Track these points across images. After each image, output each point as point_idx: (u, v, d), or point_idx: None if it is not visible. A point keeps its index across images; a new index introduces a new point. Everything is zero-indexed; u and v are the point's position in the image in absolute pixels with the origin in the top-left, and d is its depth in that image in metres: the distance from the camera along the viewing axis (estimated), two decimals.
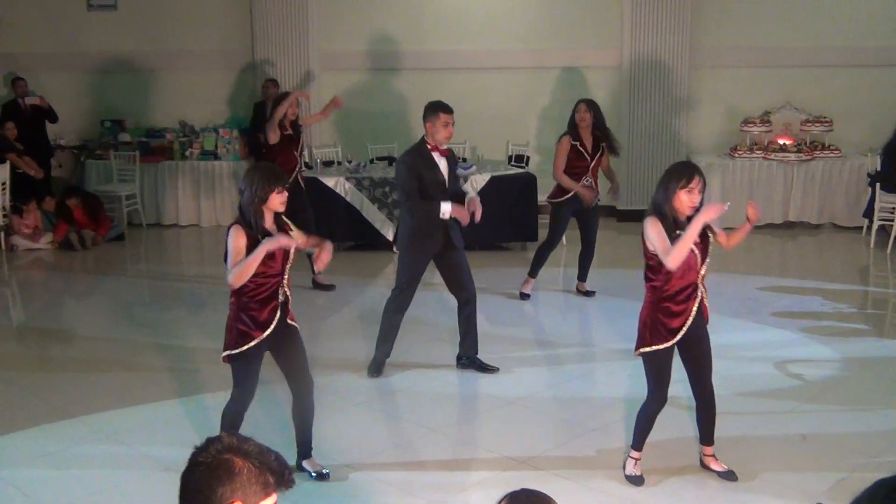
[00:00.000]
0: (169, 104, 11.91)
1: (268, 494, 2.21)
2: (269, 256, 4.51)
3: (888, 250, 9.61)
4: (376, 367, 6.42)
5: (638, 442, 4.89)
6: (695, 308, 4.60)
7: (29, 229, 10.41)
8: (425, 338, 7.07)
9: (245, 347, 4.58)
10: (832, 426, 5.59)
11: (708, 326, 4.75)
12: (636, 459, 4.91)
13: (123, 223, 11.12)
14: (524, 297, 8.12)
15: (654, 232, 4.51)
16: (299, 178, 8.36)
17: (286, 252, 4.61)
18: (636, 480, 4.87)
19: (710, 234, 4.64)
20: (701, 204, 4.55)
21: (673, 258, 4.45)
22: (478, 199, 6.28)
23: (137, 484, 4.95)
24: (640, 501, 4.73)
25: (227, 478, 2.14)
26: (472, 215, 6.17)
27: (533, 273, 8.14)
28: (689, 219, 4.52)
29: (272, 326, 4.59)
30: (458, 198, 6.31)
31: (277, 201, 4.54)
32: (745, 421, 5.60)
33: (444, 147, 6.19)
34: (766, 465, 5.05)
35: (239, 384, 4.70)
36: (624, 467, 4.94)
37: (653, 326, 4.65)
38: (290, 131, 8.24)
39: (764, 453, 5.22)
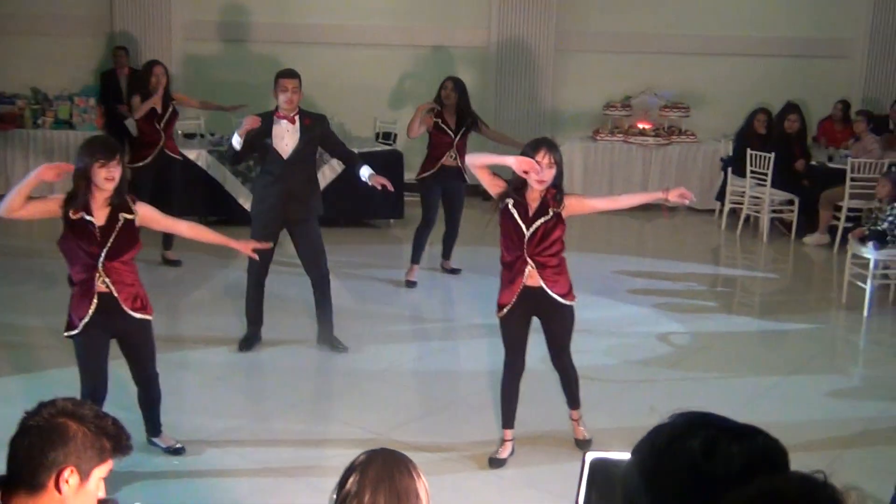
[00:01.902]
0: (20, 69, 11.30)
1: (103, 461, 2.13)
2: (85, 232, 4.24)
3: (738, 232, 10.04)
4: (246, 341, 6.32)
5: (505, 419, 4.91)
6: (521, 284, 4.65)
7: None
8: (286, 313, 6.97)
9: (73, 332, 4.37)
10: (680, 396, 5.80)
11: (584, 303, 4.84)
12: (506, 441, 4.92)
13: None
14: (410, 284, 7.91)
15: (494, 177, 4.70)
16: (168, 153, 8.11)
17: (104, 233, 4.25)
18: (495, 462, 4.86)
19: (551, 211, 4.60)
20: (557, 180, 4.61)
21: (469, 155, 4.86)
22: (383, 178, 6.21)
23: None
24: (488, 470, 4.80)
25: (61, 442, 2.05)
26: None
27: (415, 259, 8.01)
28: (547, 195, 4.60)
29: (87, 317, 4.30)
30: (350, 163, 6.35)
31: (101, 176, 4.19)
32: (601, 389, 5.75)
33: (292, 114, 6.04)
34: (616, 432, 5.20)
35: (81, 372, 4.47)
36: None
37: (500, 294, 4.78)
38: (154, 107, 7.97)
39: (615, 421, 5.38)
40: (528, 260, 4.63)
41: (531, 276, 4.65)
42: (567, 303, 4.76)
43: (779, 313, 7.64)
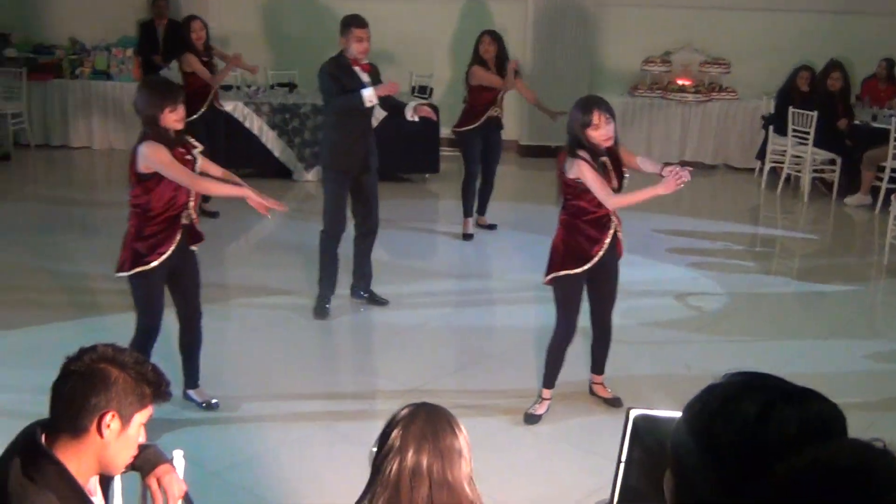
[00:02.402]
0: (58, 19, 11.36)
1: (144, 406, 2.15)
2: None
3: (778, 192, 9.90)
4: (320, 308, 6.14)
5: (548, 380, 4.89)
6: (608, 238, 4.61)
7: None
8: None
9: (144, 268, 4.39)
10: (715, 357, 5.78)
11: (620, 262, 4.78)
12: (544, 399, 4.90)
13: (9, 143, 10.64)
14: (467, 237, 7.95)
15: (590, 176, 4.44)
16: (216, 104, 8.21)
17: (194, 170, 4.39)
18: (530, 419, 4.85)
19: (626, 171, 4.63)
20: (616, 134, 4.55)
21: (616, 202, 4.49)
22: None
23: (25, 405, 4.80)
24: (523, 427, 4.82)
25: (102, 387, 2.08)
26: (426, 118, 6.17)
27: (468, 212, 8.01)
28: (610, 150, 4.53)
29: (172, 249, 4.39)
30: (396, 110, 6.23)
31: (172, 119, 4.28)
32: (634, 350, 5.74)
33: (365, 62, 5.97)
34: (651, 392, 5.20)
35: (141, 310, 4.52)
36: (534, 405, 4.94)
37: (566, 252, 4.64)
38: (204, 57, 8.02)
39: (650, 381, 5.37)
40: (613, 216, 4.62)
41: (614, 230, 4.63)
42: (621, 255, 4.77)
43: (818, 275, 7.55)
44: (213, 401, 4.84)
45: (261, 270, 7.04)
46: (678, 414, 1.52)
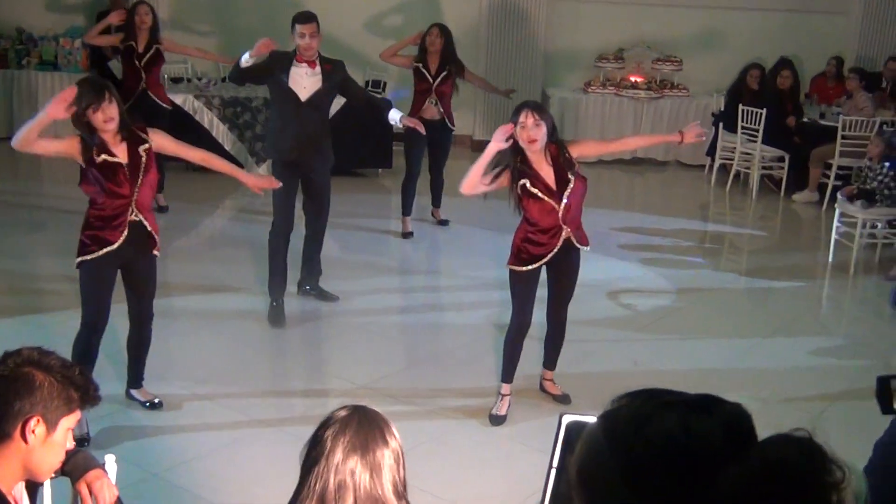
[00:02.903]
0: (5, 8, 11.10)
1: (71, 411, 2.10)
2: (113, 173, 4.21)
3: (727, 188, 10.01)
4: (275, 315, 5.94)
5: (505, 373, 4.89)
6: (559, 243, 4.61)
7: None
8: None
9: (86, 258, 4.30)
10: (664, 353, 5.84)
11: (583, 254, 4.78)
12: (504, 396, 4.88)
13: None
14: (407, 235, 7.88)
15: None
16: (153, 98, 7.93)
17: (132, 170, 4.25)
18: (495, 420, 4.83)
19: (571, 176, 4.54)
20: (553, 136, 4.55)
21: (462, 184, 4.58)
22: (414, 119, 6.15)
23: None
24: (473, 423, 4.81)
25: (26, 391, 2.02)
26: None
27: (406, 211, 7.96)
28: (552, 159, 4.53)
29: (118, 243, 4.29)
30: (374, 109, 6.24)
31: (99, 119, 4.14)
32: (584, 346, 5.76)
33: (312, 59, 5.82)
34: (599, 390, 5.21)
35: (84, 301, 4.43)
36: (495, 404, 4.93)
37: (517, 249, 4.69)
38: (132, 42, 7.79)
39: (599, 377, 5.40)
40: (564, 226, 4.60)
41: (567, 235, 4.62)
42: (585, 248, 4.77)
43: (766, 271, 7.64)
44: (157, 400, 4.76)
45: (210, 266, 6.96)
46: None
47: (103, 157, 4.20)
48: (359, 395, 5.02)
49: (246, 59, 5.70)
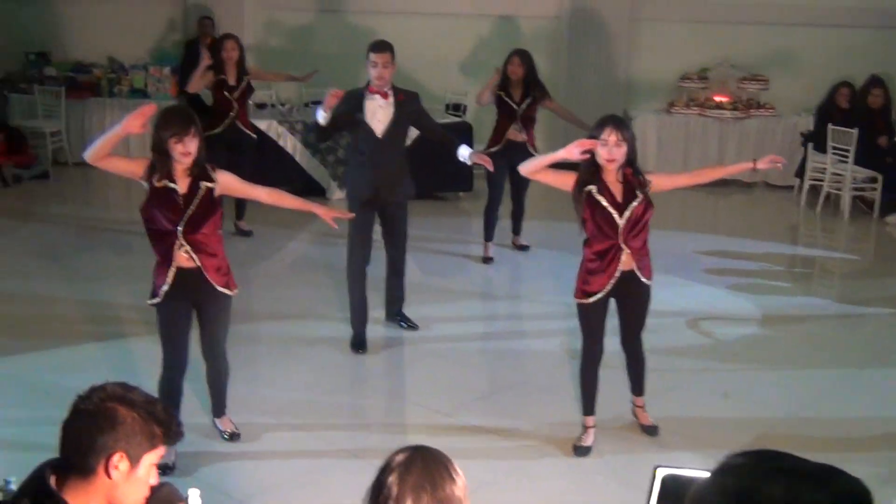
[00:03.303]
0: (97, 38, 11.47)
1: (154, 447, 2.11)
2: (167, 198, 4.20)
3: (818, 210, 9.73)
4: (356, 342, 5.95)
5: (585, 406, 4.80)
6: (618, 269, 4.50)
7: None
8: None
9: (152, 301, 4.35)
10: (755, 383, 5.66)
11: (655, 283, 4.67)
12: (587, 427, 4.79)
13: (48, 161, 10.75)
14: (487, 260, 7.85)
15: (562, 171, 4.52)
16: (241, 127, 8.05)
17: (186, 201, 4.22)
18: (580, 451, 4.74)
19: (640, 193, 4.47)
20: (630, 157, 4.46)
21: (522, 166, 4.59)
22: (484, 156, 6.03)
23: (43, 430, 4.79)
24: (557, 455, 4.73)
25: (110, 427, 2.04)
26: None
27: (488, 236, 7.94)
28: (623, 177, 4.45)
29: (167, 286, 4.27)
30: (446, 144, 6.10)
31: (177, 151, 4.14)
32: (671, 376, 5.63)
33: (385, 90, 5.76)
34: (688, 421, 5.09)
35: (161, 341, 4.45)
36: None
37: (580, 281, 4.62)
38: (223, 76, 7.94)
39: (687, 409, 5.26)
40: (623, 246, 4.49)
41: (626, 262, 4.51)
42: (649, 282, 4.64)
43: (859, 297, 7.38)
44: (236, 431, 4.76)
45: (291, 291, 7.03)
46: (705, 474, 1.43)
47: (164, 182, 4.22)
48: (441, 423, 4.99)
49: (322, 117, 5.63)
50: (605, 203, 4.43)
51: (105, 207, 9.96)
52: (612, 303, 4.70)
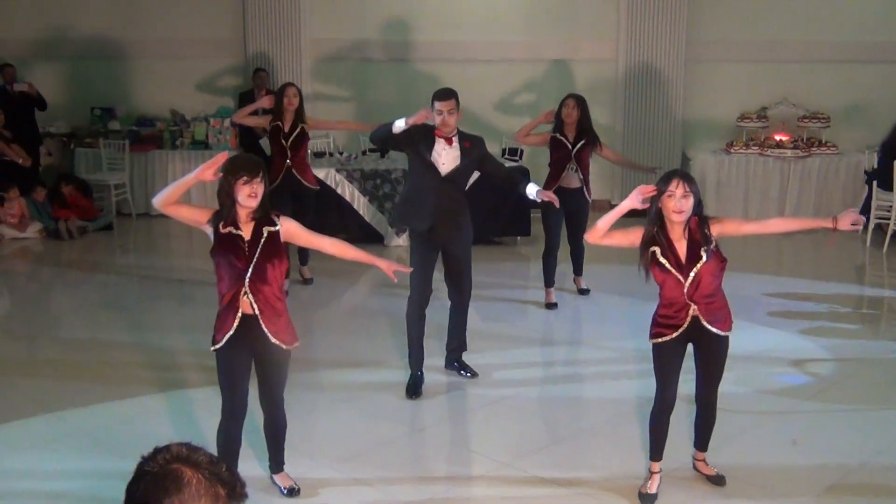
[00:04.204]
0: (159, 93, 11.77)
1: None
2: (233, 244, 4.25)
3: (884, 249, 9.50)
4: (411, 386, 5.96)
5: (653, 451, 4.72)
6: (686, 321, 4.42)
7: (14, 218, 10.28)
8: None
9: (216, 346, 4.36)
10: (825, 428, 5.50)
11: (729, 335, 4.56)
12: (653, 473, 4.71)
13: (112, 212, 11.00)
14: (551, 306, 7.82)
15: (630, 228, 4.48)
16: (298, 177, 8.08)
17: (251, 246, 4.26)
18: (646, 498, 4.65)
19: (704, 254, 4.36)
20: (697, 208, 4.39)
21: (588, 232, 4.54)
22: (550, 193, 5.97)
23: (106, 484, 4.83)
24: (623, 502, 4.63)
25: (175, 489, 2.02)
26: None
27: (549, 283, 7.91)
28: (689, 233, 4.38)
29: (230, 333, 4.29)
30: (510, 184, 6.09)
31: (245, 193, 4.20)
32: (738, 421, 5.49)
33: (451, 136, 5.81)
34: (756, 469, 4.95)
35: (221, 389, 4.45)
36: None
37: (655, 321, 4.55)
38: (279, 122, 8.03)
39: (755, 456, 5.12)
40: (690, 303, 4.42)
41: (695, 313, 4.43)
42: (725, 334, 4.53)
43: None
44: (295, 487, 4.73)
45: (350, 339, 7.04)
46: None
47: (229, 228, 4.27)
48: (501, 474, 4.92)
49: (400, 126, 5.71)
50: (669, 266, 4.37)
51: (167, 258, 10.13)
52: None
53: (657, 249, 4.39)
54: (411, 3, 11.30)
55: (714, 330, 4.45)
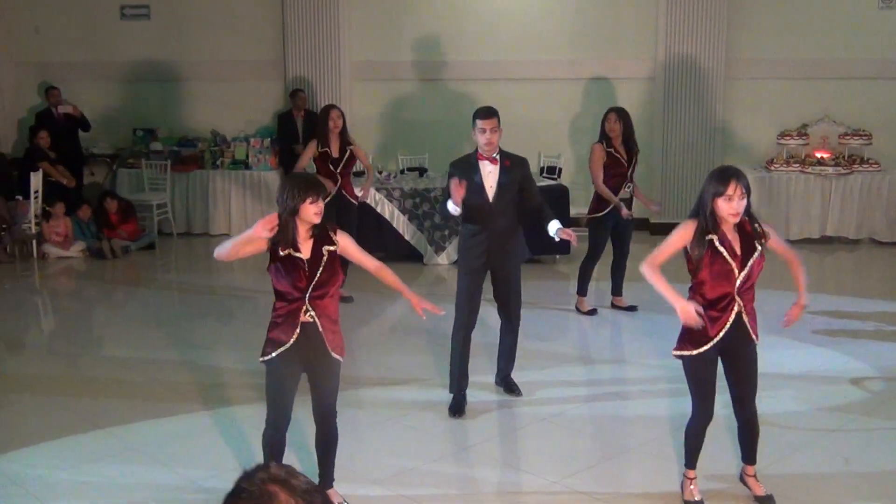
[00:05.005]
0: (200, 113, 11.92)
1: None
2: (294, 267, 4.31)
3: None
4: (455, 405, 5.97)
5: (689, 460, 4.72)
6: (731, 318, 4.39)
7: (60, 237, 10.43)
8: None
9: (267, 357, 4.41)
10: (874, 451, 5.41)
11: (763, 345, 4.56)
12: (691, 479, 4.72)
13: (154, 232, 11.12)
14: (591, 312, 8.00)
15: (675, 231, 4.41)
16: (346, 195, 8.18)
17: (311, 266, 4.34)
18: None
19: (759, 245, 4.38)
20: (748, 209, 4.37)
21: (644, 268, 4.44)
22: (570, 232, 5.94)
23: (157, 496, 4.87)
24: None
25: None
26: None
27: (582, 291, 8.02)
28: (739, 226, 4.35)
29: (289, 344, 4.35)
30: (538, 212, 5.99)
31: (311, 212, 4.29)
32: (786, 440, 5.44)
33: (493, 155, 5.81)
34: (806, 489, 4.88)
35: (268, 400, 4.51)
36: (681, 487, 4.77)
37: (687, 330, 4.47)
38: (327, 148, 8.09)
39: (805, 476, 5.05)
40: (737, 298, 4.39)
41: (740, 309, 4.41)
42: (756, 341, 4.51)
43: None
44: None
45: (393, 357, 7.05)
46: None
47: (288, 251, 4.32)
48: (551, 491, 4.90)
49: (455, 210, 5.72)
50: (725, 254, 4.33)
51: (208, 276, 10.21)
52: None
53: (714, 237, 4.34)
54: (448, 23, 11.37)
55: (751, 331, 4.44)
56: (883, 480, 5.00)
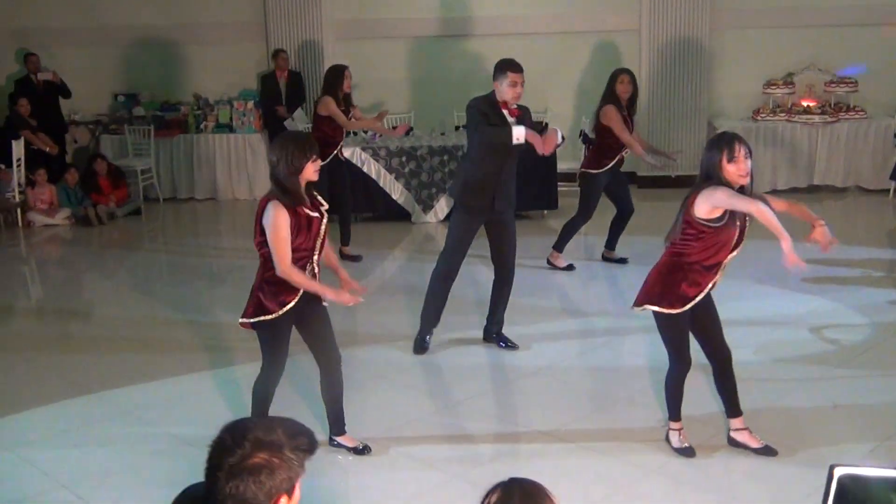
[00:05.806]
0: (183, 77, 11.80)
1: (303, 469, 2.17)
2: (301, 229, 4.35)
3: None
4: (419, 343, 6.22)
5: (672, 412, 4.78)
6: (710, 284, 4.48)
7: (44, 205, 10.36)
8: (450, 309, 6.91)
9: (266, 317, 4.44)
10: (863, 393, 5.47)
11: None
12: (678, 430, 4.79)
13: (140, 197, 11.06)
14: (569, 268, 8.02)
15: (726, 194, 4.25)
16: (340, 153, 8.25)
17: (318, 228, 4.44)
18: (686, 452, 4.74)
19: (747, 222, 4.40)
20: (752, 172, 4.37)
21: (760, 210, 4.18)
22: (558, 131, 5.92)
23: (155, 460, 4.88)
24: (673, 473, 4.63)
25: (268, 477, 2.08)
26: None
27: (560, 247, 8.02)
28: (742, 189, 4.34)
29: (295, 300, 4.43)
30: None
31: (311, 170, 4.38)
32: (775, 389, 5.49)
33: (514, 106, 5.88)
34: (797, 436, 4.93)
35: (266, 356, 4.59)
36: (668, 440, 4.82)
37: (663, 290, 4.50)
38: (342, 106, 8.04)
39: (795, 423, 5.10)
40: (726, 259, 4.46)
41: (723, 269, 4.49)
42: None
43: None
44: (361, 446, 4.86)
45: (383, 315, 7.05)
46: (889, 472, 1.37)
47: (306, 211, 4.39)
48: (547, 443, 4.94)
49: (519, 135, 5.68)
50: (738, 222, 4.36)
51: (196, 240, 10.17)
52: None
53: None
54: None
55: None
56: (870, 423, 5.05)
